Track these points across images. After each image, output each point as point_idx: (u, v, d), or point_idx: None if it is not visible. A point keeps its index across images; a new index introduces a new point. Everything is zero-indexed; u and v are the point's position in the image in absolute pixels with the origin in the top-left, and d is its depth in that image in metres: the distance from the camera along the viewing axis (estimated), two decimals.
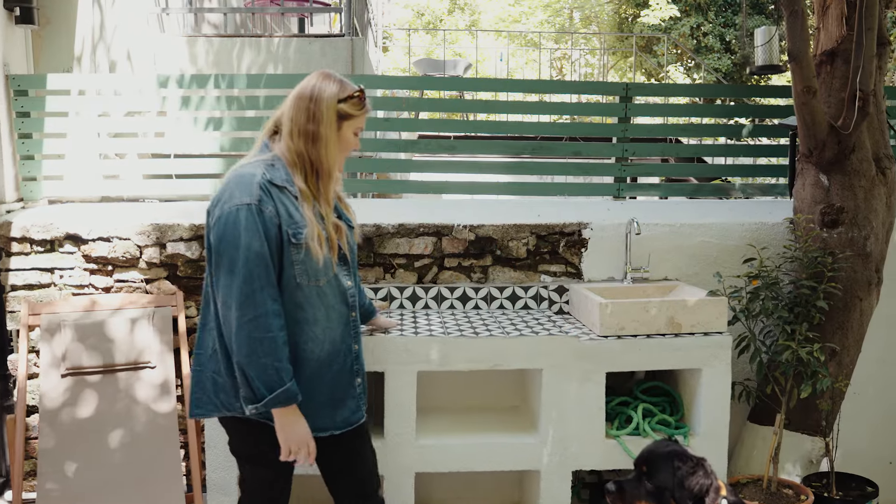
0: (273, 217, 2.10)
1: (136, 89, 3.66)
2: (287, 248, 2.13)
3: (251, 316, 2.05)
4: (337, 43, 4.25)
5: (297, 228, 2.13)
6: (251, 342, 2.06)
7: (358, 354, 2.34)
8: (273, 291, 2.09)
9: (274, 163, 2.18)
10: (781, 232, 3.48)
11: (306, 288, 2.17)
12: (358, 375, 2.33)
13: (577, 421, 2.98)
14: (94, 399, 3.11)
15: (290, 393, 2.10)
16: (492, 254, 3.45)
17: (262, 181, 2.11)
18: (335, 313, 2.24)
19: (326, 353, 2.23)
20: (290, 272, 2.15)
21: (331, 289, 2.22)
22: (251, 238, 2.07)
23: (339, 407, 2.27)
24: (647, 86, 3.84)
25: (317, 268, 2.17)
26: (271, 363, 2.06)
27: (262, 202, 2.09)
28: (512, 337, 2.94)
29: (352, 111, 2.19)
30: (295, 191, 2.16)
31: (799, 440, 3.27)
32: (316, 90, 2.17)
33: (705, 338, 3.00)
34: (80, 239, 3.36)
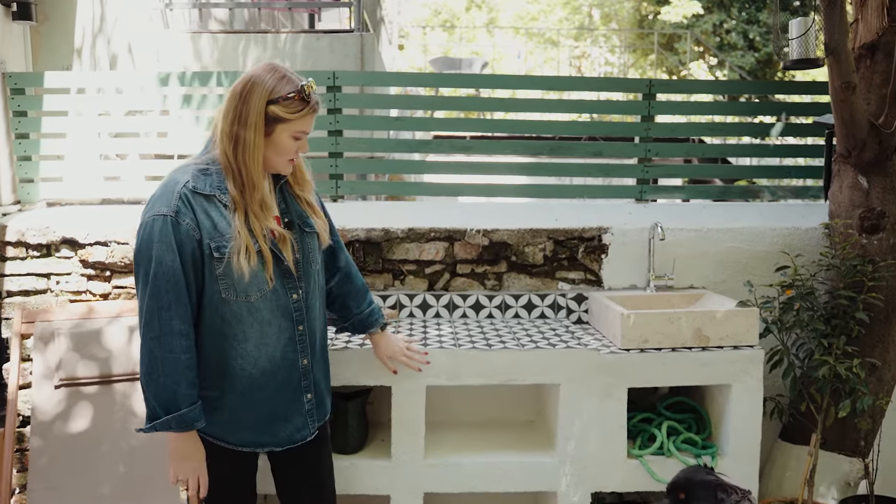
0: (191, 230, 1.92)
1: (137, 87, 3.52)
2: (209, 262, 1.95)
3: (154, 334, 1.92)
4: (346, 38, 4.08)
5: (222, 241, 1.95)
6: (152, 360, 1.93)
7: (308, 370, 2.15)
8: (182, 310, 1.93)
9: (209, 167, 2.00)
10: (816, 238, 3.27)
11: (234, 303, 1.99)
12: (307, 391, 2.16)
13: (596, 439, 2.80)
14: (89, 411, 2.97)
15: (184, 420, 1.94)
16: (507, 260, 3.27)
17: (182, 190, 1.93)
18: (273, 329, 2.05)
19: (262, 371, 2.06)
20: (214, 287, 1.97)
21: (266, 304, 2.03)
22: (163, 252, 1.90)
23: (281, 423, 2.13)
24: (672, 82, 3.64)
25: (245, 282, 1.98)
26: (169, 384, 1.92)
27: (179, 213, 1.91)
28: (527, 350, 2.76)
29: (285, 114, 1.95)
30: (226, 199, 1.97)
31: (836, 461, 3.06)
32: (248, 87, 1.95)
33: (735, 352, 2.80)
34: (76, 243, 3.22)
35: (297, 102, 1.95)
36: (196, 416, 1.96)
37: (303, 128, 2.00)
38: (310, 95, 1.97)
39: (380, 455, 2.85)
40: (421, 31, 16.70)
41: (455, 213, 3.44)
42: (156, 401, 1.93)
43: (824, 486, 3.05)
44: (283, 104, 1.93)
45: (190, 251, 1.92)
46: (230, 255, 1.94)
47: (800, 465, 3.06)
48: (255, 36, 4.16)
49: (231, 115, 1.94)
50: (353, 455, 2.85)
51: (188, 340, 1.95)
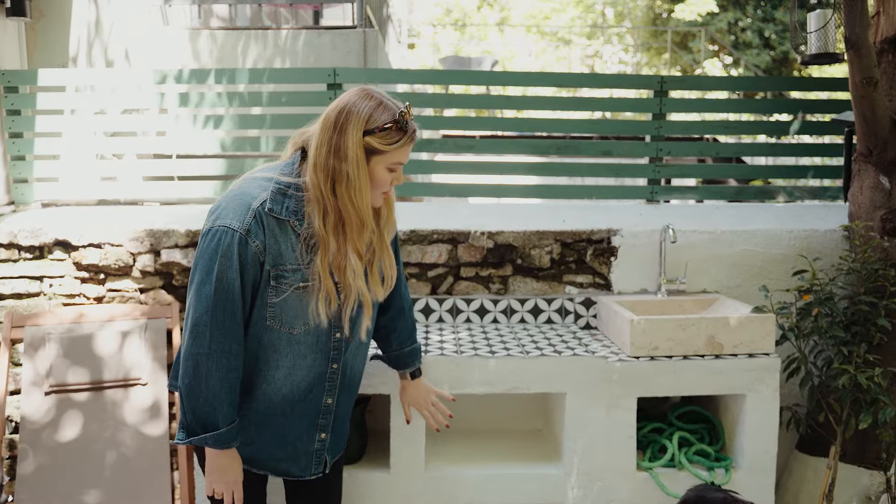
0: (258, 252, 1.81)
1: (134, 85, 3.43)
2: (264, 288, 1.85)
3: (204, 350, 1.81)
4: (348, 35, 3.97)
5: (283, 270, 1.84)
6: (197, 374, 1.82)
7: (330, 409, 2.03)
8: (236, 330, 1.83)
9: (289, 189, 1.85)
10: (835, 240, 3.13)
11: (275, 332, 1.90)
12: (322, 430, 2.05)
13: (604, 451, 2.68)
14: (79, 419, 2.88)
15: (222, 439, 1.86)
16: (512, 263, 3.16)
17: (258, 208, 1.81)
18: (306, 362, 1.95)
19: (282, 398, 1.97)
20: (262, 313, 1.87)
21: (307, 338, 1.93)
22: (225, 268, 1.79)
23: (286, 458, 2.04)
24: (684, 78, 3.51)
25: (293, 315, 1.88)
26: (211, 402, 1.83)
27: (250, 233, 1.79)
28: (532, 357, 2.64)
29: (381, 146, 1.79)
30: (300, 228, 1.84)
31: (855, 474, 2.92)
32: (342, 117, 1.78)
33: (750, 360, 2.67)
34: (69, 245, 3.14)
35: (395, 133, 1.80)
36: (233, 435, 1.88)
37: (399, 159, 1.84)
38: (408, 123, 1.82)
39: (378, 466, 2.74)
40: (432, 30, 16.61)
41: (459, 214, 3.33)
42: (194, 415, 1.84)
43: (844, 500, 2.91)
44: (380, 135, 1.78)
45: (252, 273, 1.82)
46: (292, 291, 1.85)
47: (817, 477, 2.93)
48: (256, 33, 4.06)
49: (326, 147, 1.78)
50: (351, 465, 2.75)
51: (237, 361, 1.85)
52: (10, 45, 3.41)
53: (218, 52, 4.08)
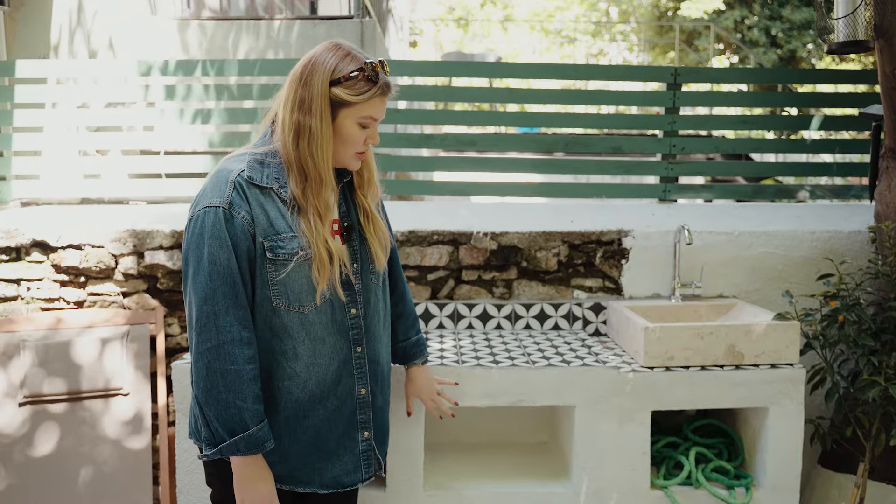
0: (246, 224, 1.67)
1: (119, 77, 3.26)
2: (262, 264, 1.69)
3: (212, 343, 1.63)
4: (344, 25, 3.79)
5: (277, 241, 1.69)
6: (210, 374, 1.64)
7: (367, 402, 1.85)
8: (242, 314, 1.66)
9: (266, 158, 1.74)
10: (861, 242, 2.95)
11: (285, 314, 1.72)
12: (365, 428, 1.86)
13: (616, 467, 2.50)
14: (55, 432, 2.71)
15: (254, 440, 1.66)
16: (517, 265, 2.98)
17: (237, 179, 1.69)
18: (326, 347, 1.77)
19: (310, 395, 1.78)
20: (265, 293, 1.70)
21: (321, 317, 1.76)
22: (216, 249, 1.64)
23: (329, 461, 1.83)
24: (699, 70, 3.32)
25: (300, 291, 1.72)
26: (233, 401, 1.64)
27: (233, 205, 1.66)
28: (538, 368, 2.46)
29: (349, 96, 1.68)
30: (286, 195, 1.72)
31: (885, 492, 2.73)
32: (308, 69, 1.69)
33: (773, 371, 2.49)
34: (48, 246, 2.97)
35: (363, 83, 1.68)
36: (265, 435, 1.69)
37: (370, 112, 1.72)
38: (377, 74, 1.70)
39: (373, 484, 2.56)
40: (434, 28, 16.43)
41: (461, 214, 3.14)
42: (218, 421, 1.65)
43: None
44: (346, 85, 1.67)
45: (245, 249, 1.67)
46: (292, 262, 1.70)
47: (842, 494, 2.74)
48: (248, 23, 3.87)
49: (291, 102, 1.69)
50: None
51: (251, 349, 1.67)
52: None
53: (208, 43, 3.90)
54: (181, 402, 2.35)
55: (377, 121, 1.75)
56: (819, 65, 15.63)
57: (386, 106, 1.76)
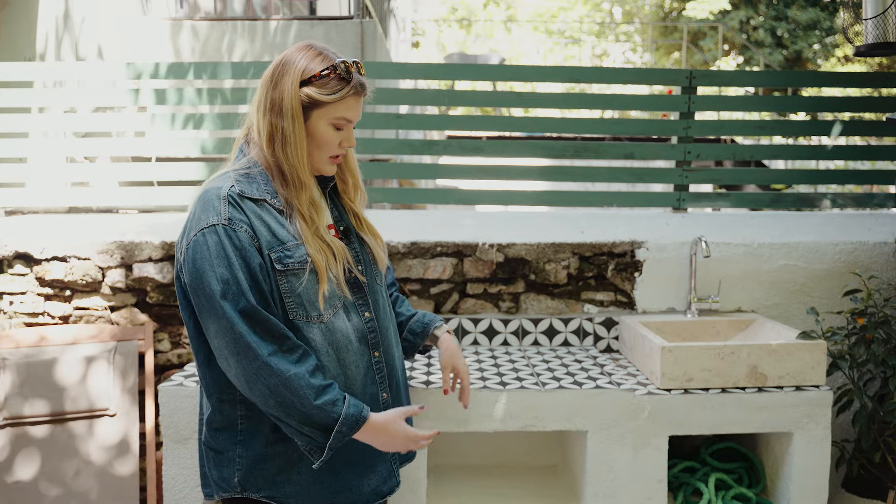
0: (250, 237, 1.58)
1: (107, 81, 3.11)
2: (273, 278, 1.60)
3: (258, 363, 1.54)
4: (344, 26, 3.64)
5: (283, 251, 1.61)
6: (273, 391, 1.55)
7: (388, 405, 1.77)
8: (268, 327, 1.57)
9: (250, 170, 1.66)
10: (886, 254, 2.80)
11: (305, 327, 1.63)
12: None
13: (631, 495, 2.35)
14: (37, 455, 2.56)
15: (352, 419, 1.59)
16: (524, 278, 2.83)
17: (229, 194, 1.60)
18: (350, 356, 1.69)
19: None
20: (280, 308, 1.61)
21: (340, 324, 1.68)
22: (224, 268, 1.55)
23: (366, 474, 1.74)
24: (716, 73, 3.17)
25: (316, 299, 1.63)
26: (307, 403, 1.56)
27: (232, 220, 1.57)
28: (549, 390, 2.31)
29: (320, 96, 1.62)
30: (279, 203, 1.64)
31: None
32: (278, 70, 1.64)
33: (798, 393, 2.34)
34: (31, 259, 2.83)
35: (335, 82, 1.63)
36: (356, 407, 1.61)
37: (342, 113, 1.65)
38: (350, 73, 1.64)
39: None
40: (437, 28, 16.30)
41: (465, 224, 3.00)
42: (307, 426, 1.58)
43: None
44: (318, 84, 1.62)
45: (257, 263, 1.58)
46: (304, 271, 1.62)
47: None
48: (243, 24, 3.73)
49: (264, 105, 1.64)
50: None
51: (294, 353, 1.58)
52: None
53: (201, 45, 3.75)
54: (168, 426, 2.21)
55: (352, 122, 1.69)
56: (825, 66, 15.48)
57: (361, 108, 1.71)
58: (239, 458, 1.66)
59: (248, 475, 1.65)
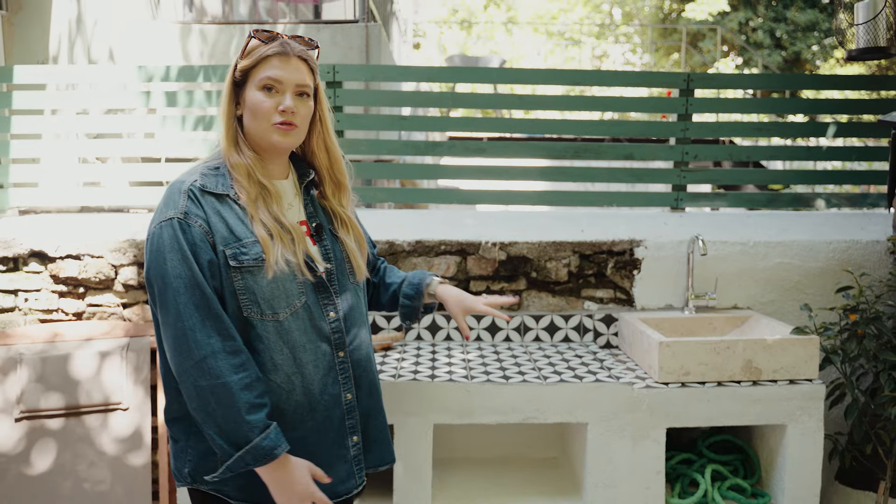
0: (204, 232, 1.61)
1: (118, 83, 3.19)
2: (227, 274, 1.62)
3: (193, 361, 1.56)
4: (349, 29, 3.71)
5: (239, 248, 1.62)
6: (200, 393, 1.56)
7: (353, 406, 1.77)
8: (218, 324, 1.58)
9: (219, 165, 1.71)
10: (879, 252, 2.87)
11: (259, 324, 1.64)
12: (353, 433, 1.78)
13: (630, 486, 2.43)
14: (52, 448, 2.64)
15: (261, 451, 1.57)
16: (526, 276, 2.90)
17: (190, 188, 1.64)
18: (308, 355, 1.69)
19: (295, 406, 1.68)
20: (234, 304, 1.62)
21: (298, 323, 1.68)
22: (178, 262, 1.58)
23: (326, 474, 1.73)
24: (713, 76, 3.25)
25: (272, 296, 1.64)
26: (229, 417, 1.56)
27: (188, 215, 1.61)
28: (550, 384, 2.39)
29: (245, 62, 1.68)
30: (244, 201, 1.66)
31: None
32: None
33: (792, 387, 2.41)
34: (46, 256, 2.90)
35: (257, 47, 1.68)
36: (272, 442, 1.58)
37: (266, 73, 1.65)
38: (269, 37, 1.68)
39: (381, 500, 2.49)
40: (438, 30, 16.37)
41: (468, 223, 3.07)
42: (222, 438, 1.57)
43: None
44: (245, 56, 1.68)
45: (207, 259, 1.60)
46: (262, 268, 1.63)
47: None
48: (251, 27, 3.81)
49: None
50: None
51: (237, 357, 1.59)
52: None
53: (209, 49, 3.83)
54: None
55: (281, 83, 1.66)
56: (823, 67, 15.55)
57: (293, 71, 1.67)
58: (191, 449, 1.68)
59: (198, 467, 1.67)
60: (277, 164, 1.75)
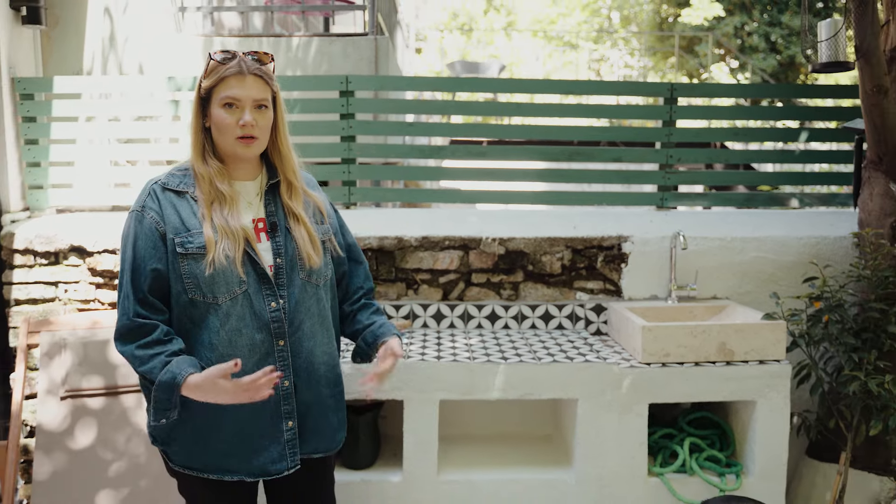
0: (155, 223, 1.86)
1: (147, 92, 3.46)
2: (174, 260, 1.86)
3: (125, 321, 1.85)
4: (360, 42, 3.99)
5: (187, 237, 1.86)
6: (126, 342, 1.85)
7: (290, 393, 1.93)
8: (141, 297, 1.84)
9: (188, 167, 1.95)
10: (845, 247, 3.15)
11: (201, 305, 1.87)
12: (289, 418, 1.93)
13: (616, 457, 2.70)
14: (94, 424, 2.91)
15: (165, 385, 1.79)
16: (523, 269, 3.18)
17: (152, 186, 1.92)
18: (243, 340, 1.87)
19: None
20: (180, 286, 1.86)
21: (237, 309, 1.87)
22: (129, 247, 1.88)
23: (254, 452, 1.93)
24: (695, 86, 3.52)
25: (212, 282, 1.85)
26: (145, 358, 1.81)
27: (145, 208, 1.88)
28: (544, 364, 2.66)
29: (207, 83, 1.86)
30: (201, 202, 1.89)
31: (866, 479, 2.93)
32: None
33: (761, 367, 2.69)
34: (84, 251, 3.17)
35: (216, 67, 1.86)
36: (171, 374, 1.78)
37: (227, 92, 1.84)
38: (229, 58, 1.85)
39: (391, 470, 2.77)
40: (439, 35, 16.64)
41: (470, 220, 3.35)
42: (144, 389, 1.88)
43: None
44: (207, 76, 1.87)
45: (151, 244, 1.86)
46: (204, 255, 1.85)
47: (827, 482, 2.94)
48: (269, 40, 4.08)
49: None
50: (364, 470, 2.77)
51: (149, 321, 1.84)
52: (26, 53, 3.44)
53: None
54: None
55: (240, 100, 1.84)
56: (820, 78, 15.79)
57: (249, 88, 1.85)
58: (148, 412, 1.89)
59: (153, 429, 1.91)
60: (243, 168, 1.94)
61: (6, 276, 3.19)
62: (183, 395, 1.80)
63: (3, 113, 3.26)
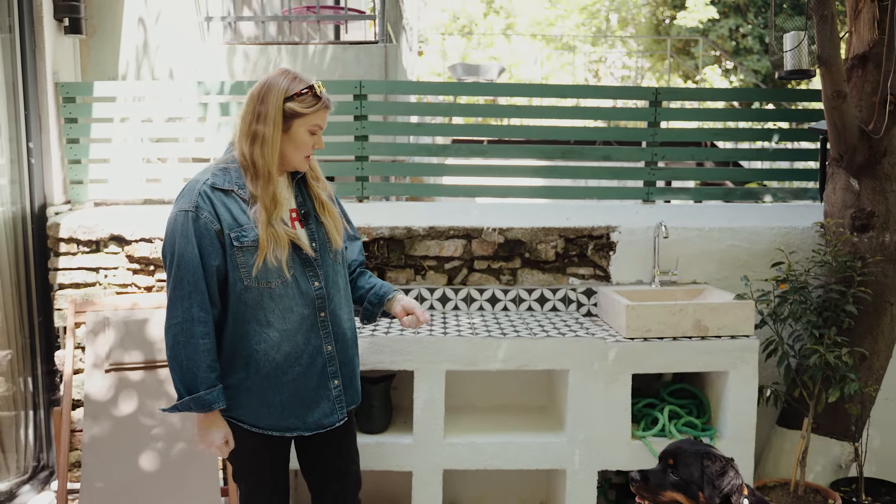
0: (210, 222, 2.09)
1: (176, 97, 3.79)
2: (231, 252, 2.11)
3: (177, 320, 2.09)
4: (371, 49, 4.33)
5: (241, 232, 2.11)
6: (175, 345, 2.10)
7: (333, 356, 2.26)
8: (201, 298, 2.09)
9: (228, 166, 2.17)
10: (811, 236, 3.47)
11: (255, 290, 2.13)
12: (334, 377, 2.26)
13: (603, 421, 3.03)
14: (135, 395, 3.23)
15: (202, 401, 2.10)
16: (521, 256, 3.51)
17: (202, 187, 2.12)
18: (294, 316, 2.18)
19: (284, 356, 2.19)
20: (236, 275, 2.12)
21: (287, 290, 2.16)
22: (184, 245, 2.09)
23: (309, 408, 2.24)
24: (677, 90, 3.86)
25: (266, 271, 2.12)
26: (191, 367, 2.09)
27: (198, 208, 2.09)
28: (539, 338, 2.99)
29: (301, 109, 2.11)
30: (245, 194, 2.14)
31: (827, 444, 3.26)
32: (264, 89, 2.13)
33: (732, 341, 3.02)
34: (123, 240, 3.49)
35: (311, 98, 2.12)
36: (214, 398, 2.10)
37: (317, 121, 2.14)
38: (321, 92, 2.14)
39: (403, 434, 3.09)
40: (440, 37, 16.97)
41: (472, 212, 3.67)
42: (181, 383, 2.09)
43: (818, 468, 3.26)
44: (299, 100, 2.10)
45: (210, 243, 2.08)
46: (257, 248, 2.09)
47: (794, 448, 3.26)
48: (287, 48, 4.40)
49: (249, 116, 2.11)
50: (379, 434, 3.10)
51: (206, 327, 2.09)
52: (68, 60, 3.77)
53: (252, 67, 4.44)
54: None
55: (322, 128, 2.17)
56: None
57: (327, 118, 2.19)
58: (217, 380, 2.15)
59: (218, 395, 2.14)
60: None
61: (52, 262, 3.52)
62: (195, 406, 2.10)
63: (48, 114, 3.60)
